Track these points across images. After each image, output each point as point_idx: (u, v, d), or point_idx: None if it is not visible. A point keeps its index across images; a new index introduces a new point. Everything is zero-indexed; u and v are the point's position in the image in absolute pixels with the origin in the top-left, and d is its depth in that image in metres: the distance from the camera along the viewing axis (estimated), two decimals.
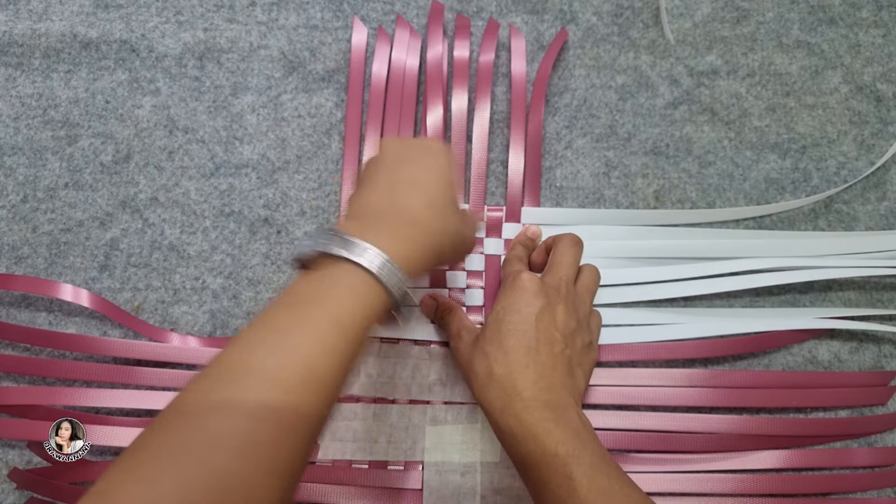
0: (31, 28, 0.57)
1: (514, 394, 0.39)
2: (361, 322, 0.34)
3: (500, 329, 0.42)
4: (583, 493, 0.35)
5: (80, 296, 0.51)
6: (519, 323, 0.42)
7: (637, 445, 0.49)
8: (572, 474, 0.36)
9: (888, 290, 0.54)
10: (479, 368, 0.42)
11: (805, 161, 0.56)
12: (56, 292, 0.51)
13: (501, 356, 0.41)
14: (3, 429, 0.48)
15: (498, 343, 0.41)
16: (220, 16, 0.58)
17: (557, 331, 0.42)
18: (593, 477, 0.36)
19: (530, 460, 0.37)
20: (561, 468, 0.36)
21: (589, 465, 0.36)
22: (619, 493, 0.36)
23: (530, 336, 0.41)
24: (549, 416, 0.38)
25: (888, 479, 0.50)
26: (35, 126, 0.55)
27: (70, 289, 0.51)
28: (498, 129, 0.56)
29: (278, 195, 0.55)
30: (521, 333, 0.41)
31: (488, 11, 0.58)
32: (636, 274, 0.52)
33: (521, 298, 0.43)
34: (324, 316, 0.33)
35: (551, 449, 0.37)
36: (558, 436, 0.37)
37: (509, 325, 0.42)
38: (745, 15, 0.59)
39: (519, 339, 0.41)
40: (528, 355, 0.41)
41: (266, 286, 0.53)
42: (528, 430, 0.38)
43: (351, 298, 0.34)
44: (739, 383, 0.50)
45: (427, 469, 0.49)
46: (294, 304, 0.34)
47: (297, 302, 0.34)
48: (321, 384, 0.32)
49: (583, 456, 0.37)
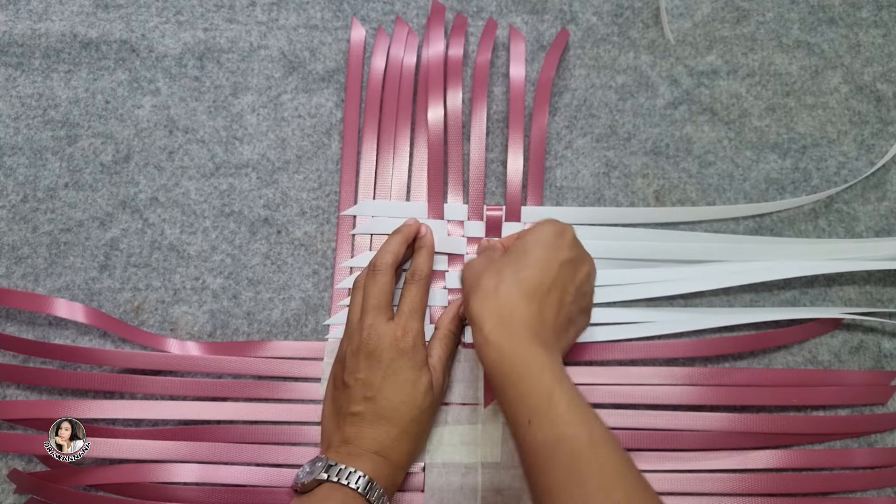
0: (31, 28, 0.57)
1: (510, 317, 0.40)
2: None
3: (523, 257, 0.43)
4: (562, 408, 0.37)
5: (74, 311, 0.50)
6: (543, 260, 0.42)
7: (637, 444, 0.49)
8: (552, 393, 0.37)
9: (888, 288, 0.54)
10: (486, 282, 0.42)
11: (805, 161, 0.56)
12: (50, 308, 0.50)
13: (513, 280, 0.41)
14: (5, 442, 0.48)
15: (515, 268, 0.42)
16: (220, 16, 0.58)
17: (574, 285, 0.43)
18: (573, 399, 0.38)
19: (512, 376, 0.38)
20: (544, 385, 0.38)
21: (570, 389, 0.38)
22: (594, 417, 0.37)
23: (549, 276, 0.42)
24: (538, 345, 0.39)
25: (888, 479, 0.50)
26: (35, 126, 0.55)
27: (64, 304, 0.50)
28: (497, 128, 0.56)
29: (278, 195, 0.55)
30: (540, 270, 0.42)
31: (488, 11, 0.58)
32: (636, 274, 0.52)
33: (556, 241, 0.43)
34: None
35: (535, 369, 0.38)
36: (545, 360, 0.39)
37: (533, 258, 0.42)
38: (745, 15, 0.59)
39: (535, 274, 0.42)
40: (538, 291, 0.41)
41: (266, 286, 0.53)
42: (514, 349, 0.39)
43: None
44: (740, 382, 0.50)
45: (428, 470, 0.49)
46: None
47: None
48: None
49: (565, 381, 0.38)
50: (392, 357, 0.45)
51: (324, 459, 0.42)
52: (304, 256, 0.54)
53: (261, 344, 0.51)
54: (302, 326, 0.52)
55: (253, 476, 0.48)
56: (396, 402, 0.44)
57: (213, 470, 0.48)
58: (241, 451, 0.48)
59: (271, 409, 0.49)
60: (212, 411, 0.49)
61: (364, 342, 0.45)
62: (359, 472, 0.41)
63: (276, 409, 0.49)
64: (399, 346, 0.45)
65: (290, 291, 0.53)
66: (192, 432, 0.49)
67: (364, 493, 0.41)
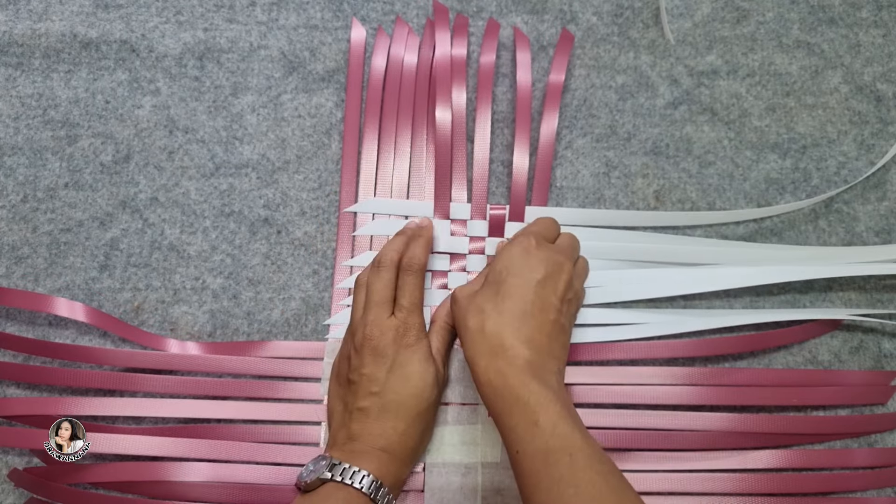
0: (31, 28, 0.57)
1: (501, 350, 0.41)
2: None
3: (499, 290, 0.43)
4: (546, 437, 0.37)
5: (74, 310, 0.50)
6: (519, 286, 0.43)
7: (637, 444, 0.49)
8: (538, 420, 0.38)
9: (889, 290, 0.54)
10: (471, 323, 0.43)
11: (805, 161, 0.56)
12: (50, 307, 0.50)
13: (496, 315, 0.42)
14: (4, 437, 0.48)
15: (494, 303, 0.43)
16: (220, 16, 0.58)
17: (556, 297, 0.44)
18: (557, 424, 0.38)
19: (504, 409, 0.39)
20: (529, 415, 0.38)
21: (555, 413, 0.38)
22: (578, 440, 0.38)
23: (528, 301, 0.43)
24: (528, 373, 0.40)
25: (888, 479, 0.50)
26: (35, 126, 0.55)
27: (65, 303, 0.50)
28: (497, 129, 0.56)
29: (278, 195, 0.55)
30: (518, 297, 0.43)
31: (488, 11, 0.58)
32: (636, 274, 0.52)
33: (526, 262, 0.44)
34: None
35: (524, 398, 0.39)
36: (533, 387, 0.39)
37: (509, 288, 0.43)
38: (745, 15, 0.59)
39: (516, 303, 0.43)
40: (522, 319, 0.42)
41: (266, 286, 0.53)
42: (506, 383, 0.40)
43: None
44: (740, 382, 0.50)
45: (428, 470, 0.49)
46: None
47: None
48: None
49: (550, 406, 0.39)
50: (397, 351, 0.45)
51: (328, 458, 0.42)
52: (304, 256, 0.54)
53: (261, 344, 0.51)
54: (302, 326, 0.52)
55: (253, 474, 0.48)
56: (404, 396, 0.44)
57: (214, 468, 0.48)
58: (241, 450, 0.48)
59: (271, 408, 0.49)
60: (212, 410, 0.49)
61: (368, 337, 0.45)
62: (363, 471, 0.41)
63: (275, 409, 0.49)
64: (403, 340, 0.45)
65: (290, 291, 0.53)
66: (192, 431, 0.49)
67: (369, 492, 0.41)
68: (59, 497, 0.47)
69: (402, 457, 0.44)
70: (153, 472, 0.47)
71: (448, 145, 0.53)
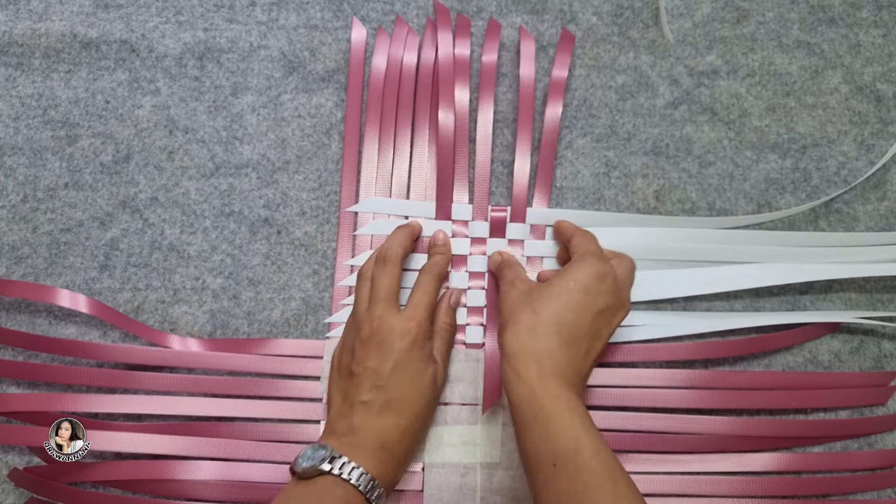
0: (31, 28, 0.57)
1: (546, 359, 0.40)
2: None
3: (563, 298, 0.43)
4: (587, 456, 0.37)
5: (77, 301, 0.50)
6: (584, 306, 0.42)
7: (637, 446, 0.49)
8: (580, 440, 0.38)
9: (889, 291, 0.54)
10: (522, 319, 0.42)
11: (805, 161, 0.56)
12: (53, 298, 0.50)
13: (553, 323, 0.42)
14: (4, 435, 0.48)
15: (555, 309, 0.42)
16: (220, 16, 0.58)
17: (608, 331, 0.44)
18: (599, 449, 0.38)
19: (541, 417, 0.39)
20: (573, 432, 0.38)
21: (596, 435, 0.38)
22: (618, 469, 0.38)
23: (585, 323, 0.42)
24: (568, 389, 0.40)
25: (888, 480, 0.50)
26: (35, 126, 0.55)
27: (67, 294, 0.50)
28: (498, 129, 0.56)
29: (278, 195, 0.55)
30: (580, 316, 0.42)
31: (488, 11, 0.58)
32: (636, 275, 0.52)
33: (597, 286, 0.43)
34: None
35: (566, 415, 0.39)
36: (575, 406, 0.39)
37: (574, 302, 0.42)
38: (745, 15, 0.59)
39: (575, 320, 0.42)
40: (575, 337, 0.42)
41: (266, 286, 0.53)
42: (547, 391, 0.39)
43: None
44: (739, 384, 0.50)
45: (428, 470, 0.49)
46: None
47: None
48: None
49: (592, 429, 0.39)
50: (403, 348, 0.45)
51: (328, 448, 0.42)
52: (304, 256, 0.54)
53: (261, 341, 0.51)
54: (302, 326, 0.52)
55: (252, 472, 0.48)
56: (406, 394, 0.44)
57: (213, 466, 0.48)
58: (241, 448, 0.48)
59: (271, 406, 0.49)
60: (212, 408, 0.49)
61: (375, 331, 0.45)
62: (361, 468, 0.41)
63: (275, 407, 0.49)
64: (409, 338, 0.45)
65: (290, 291, 0.53)
66: (191, 428, 0.49)
67: (365, 491, 0.41)
68: (59, 497, 0.47)
69: (398, 456, 0.44)
70: (153, 470, 0.47)
71: (450, 146, 0.53)
